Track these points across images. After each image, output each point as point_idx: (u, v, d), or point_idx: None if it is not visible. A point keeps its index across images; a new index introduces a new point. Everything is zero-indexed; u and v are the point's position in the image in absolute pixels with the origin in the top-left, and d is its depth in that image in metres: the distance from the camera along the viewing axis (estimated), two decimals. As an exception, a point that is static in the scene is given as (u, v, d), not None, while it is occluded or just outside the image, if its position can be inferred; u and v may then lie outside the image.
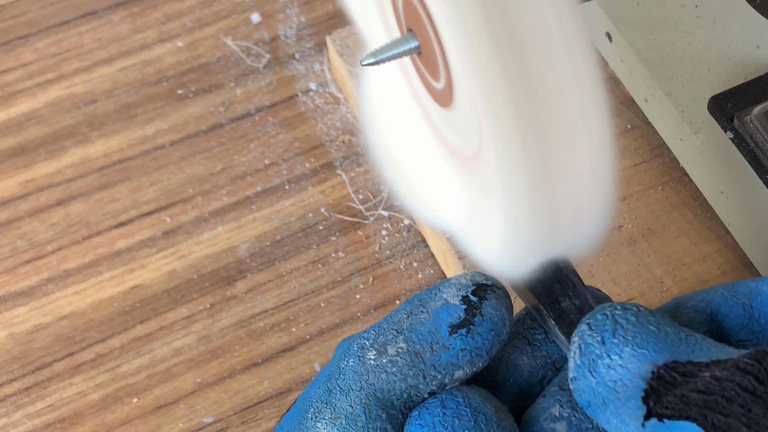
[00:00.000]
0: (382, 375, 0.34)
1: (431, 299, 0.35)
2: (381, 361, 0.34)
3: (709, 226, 0.53)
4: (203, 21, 0.64)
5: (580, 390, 0.32)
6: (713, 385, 0.30)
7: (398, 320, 0.35)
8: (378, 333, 0.35)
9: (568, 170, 0.30)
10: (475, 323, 0.34)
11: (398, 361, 0.34)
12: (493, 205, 0.32)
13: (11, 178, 0.59)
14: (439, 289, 0.35)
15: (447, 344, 0.34)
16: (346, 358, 0.35)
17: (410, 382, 0.34)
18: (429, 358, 0.34)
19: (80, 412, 0.52)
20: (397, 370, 0.34)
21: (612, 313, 0.32)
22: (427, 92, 0.35)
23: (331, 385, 0.35)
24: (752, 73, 0.51)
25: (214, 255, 0.56)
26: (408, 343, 0.34)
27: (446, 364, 0.34)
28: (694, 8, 0.53)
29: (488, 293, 0.35)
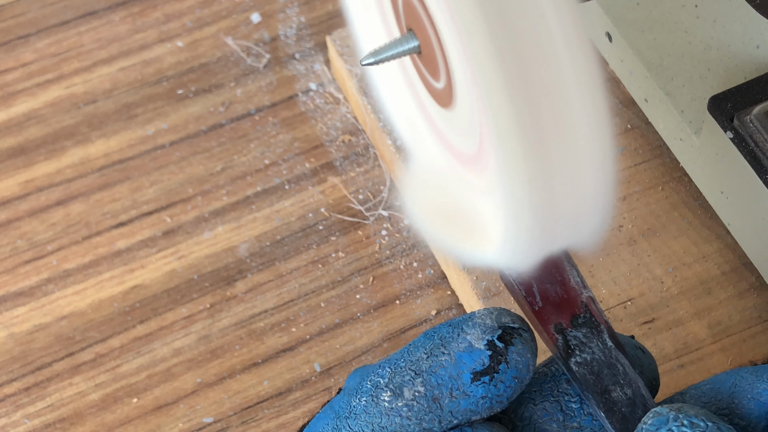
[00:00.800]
0: (396, 419, 0.32)
1: (453, 340, 0.33)
2: (396, 404, 0.32)
3: (709, 226, 0.53)
4: (203, 21, 0.64)
5: None
6: None
7: (416, 359, 0.33)
8: (394, 372, 0.33)
9: (568, 170, 0.30)
10: (499, 371, 0.33)
11: (414, 405, 0.32)
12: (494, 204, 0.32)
13: (11, 178, 0.59)
14: (463, 329, 0.33)
15: (468, 391, 0.33)
16: (358, 395, 0.33)
17: (424, 426, 0.32)
18: (447, 404, 0.33)
19: (80, 412, 0.52)
20: (413, 415, 0.32)
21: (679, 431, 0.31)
22: (427, 92, 0.35)
23: (341, 424, 0.33)
24: (752, 73, 0.51)
25: (214, 255, 0.56)
26: (426, 387, 0.33)
27: (464, 410, 0.33)
28: (694, 8, 0.53)
29: (514, 337, 0.33)
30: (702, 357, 0.49)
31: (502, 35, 0.27)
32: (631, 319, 0.50)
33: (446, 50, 0.31)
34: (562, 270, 0.34)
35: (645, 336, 0.50)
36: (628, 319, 0.50)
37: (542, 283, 0.34)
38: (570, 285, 0.34)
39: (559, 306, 0.34)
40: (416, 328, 0.53)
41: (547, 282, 0.34)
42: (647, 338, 0.50)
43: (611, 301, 0.51)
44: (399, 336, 0.53)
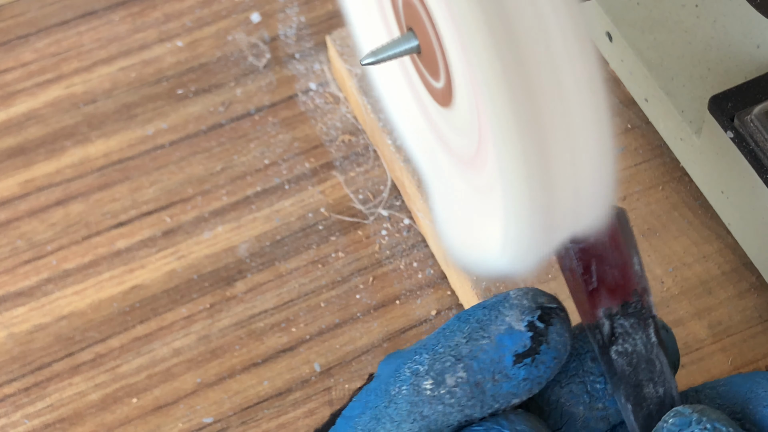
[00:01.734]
0: (438, 407, 0.32)
1: (492, 322, 0.33)
2: (439, 392, 0.32)
3: (709, 226, 0.53)
4: (203, 21, 0.64)
5: None
6: None
7: (456, 344, 0.32)
8: (434, 359, 0.32)
9: (568, 170, 0.30)
10: (540, 352, 0.32)
11: (457, 392, 0.32)
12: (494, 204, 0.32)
13: (11, 178, 0.59)
14: (500, 311, 0.33)
15: (510, 374, 0.32)
16: (397, 384, 0.33)
17: (466, 413, 0.32)
18: (490, 388, 0.32)
19: (80, 412, 0.52)
20: (456, 402, 0.32)
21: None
22: (427, 92, 0.35)
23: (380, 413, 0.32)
24: (752, 73, 0.51)
25: (214, 255, 0.56)
26: (468, 372, 0.32)
27: (506, 393, 0.32)
28: (694, 8, 0.53)
29: (553, 317, 0.32)
30: (702, 357, 0.49)
31: (502, 35, 0.27)
32: (631, 319, 0.50)
33: (446, 50, 0.31)
34: (625, 253, 0.33)
35: (645, 336, 0.50)
36: (629, 319, 0.50)
37: (602, 264, 0.33)
38: (629, 271, 0.33)
39: (614, 291, 0.33)
40: (416, 328, 0.53)
41: (607, 264, 0.33)
42: (647, 338, 0.50)
43: (611, 301, 0.51)
44: (399, 336, 0.53)
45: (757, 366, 0.49)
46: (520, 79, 0.28)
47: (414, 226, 0.56)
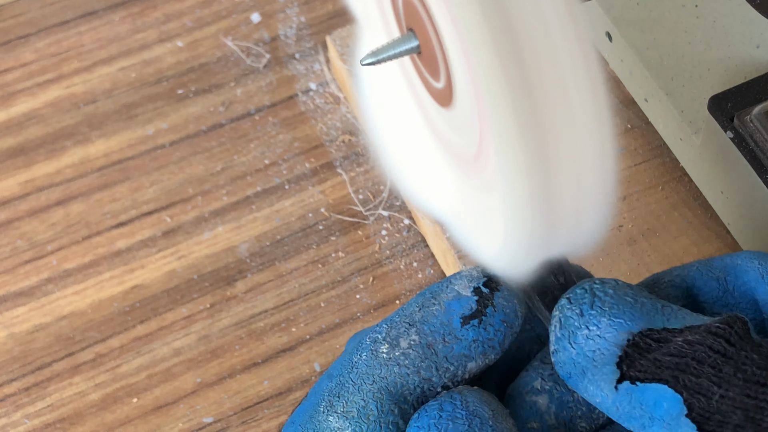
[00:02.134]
0: (395, 368, 0.34)
1: (443, 291, 0.35)
2: (394, 354, 0.34)
3: (709, 226, 0.53)
4: (203, 21, 0.64)
5: (561, 362, 0.33)
6: (685, 348, 0.31)
7: (410, 313, 0.35)
8: (390, 326, 0.35)
9: (568, 170, 0.30)
10: (486, 314, 0.34)
11: (411, 353, 0.34)
12: (494, 204, 0.32)
13: (11, 178, 0.59)
14: (451, 282, 0.35)
15: (459, 335, 0.34)
16: (358, 351, 0.35)
17: (423, 375, 0.34)
18: (441, 349, 0.34)
19: (80, 412, 0.52)
20: (410, 363, 0.34)
21: (591, 287, 0.33)
22: (427, 92, 0.35)
23: (344, 379, 0.35)
24: (752, 73, 0.51)
25: (214, 255, 0.56)
26: (420, 335, 0.34)
27: (459, 355, 0.34)
28: (694, 8, 0.53)
29: (500, 284, 0.35)
30: (702, 357, 0.49)
31: (502, 35, 0.27)
32: (631, 319, 0.50)
33: (446, 50, 0.31)
34: None
35: (645, 336, 0.50)
36: (628, 319, 0.50)
37: None
38: None
39: None
40: (416, 328, 0.53)
41: None
42: (647, 338, 0.50)
43: (611, 301, 0.51)
44: (399, 336, 0.53)
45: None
46: (520, 79, 0.28)
47: (414, 226, 0.56)
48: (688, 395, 0.30)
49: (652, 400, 0.31)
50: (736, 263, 0.36)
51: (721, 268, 0.36)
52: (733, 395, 0.30)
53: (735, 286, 0.36)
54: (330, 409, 0.34)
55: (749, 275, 0.36)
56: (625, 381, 0.31)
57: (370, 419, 0.34)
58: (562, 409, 0.34)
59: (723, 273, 0.36)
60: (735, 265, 0.36)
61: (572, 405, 0.34)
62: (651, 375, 0.31)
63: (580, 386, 0.32)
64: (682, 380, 0.30)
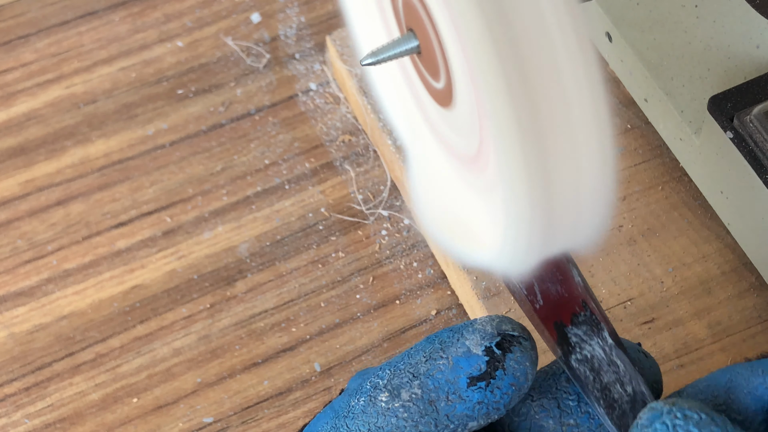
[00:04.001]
0: (392, 419, 0.33)
1: (453, 345, 0.34)
2: (393, 405, 0.33)
3: (709, 226, 0.53)
4: (203, 21, 0.64)
5: None
6: None
7: (415, 363, 0.34)
8: (393, 374, 0.34)
9: (568, 170, 0.30)
10: (495, 377, 0.33)
11: (411, 407, 0.33)
12: (494, 204, 0.32)
13: (11, 178, 0.59)
14: (462, 334, 0.34)
15: (464, 396, 0.33)
16: (357, 396, 0.34)
17: (421, 429, 0.33)
18: (443, 407, 0.33)
19: (80, 412, 0.52)
20: (409, 417, 0.33)
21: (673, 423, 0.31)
22: (427, 92, 0.35)
23: (339, 423, 0.34)
24: (752, 73, 0.51)
25: (214, 255, 0.56)
26: (423, 389, 0.33)
27: (461, 415, 0.33)
28: (694, 8, 0.53)
29: (513, 345, 0.33)
30: (702, 357, 0.49)
31: (502, 35, 0.27)
32: (631, 319, 0.50)
33: (446, 50, 0.31)
34: (564, 269, 0.34)
35: (645, 336, 0.50)
36: (628, 319, 0.50)
37: (543, 282, 0.34)
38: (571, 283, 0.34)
39: (560, 304, 0.34)
40: (416, 328, 0.53)
41: (549, 281, 0.34)
42: (647, 338, 0.50)
43: (611, 301, 0.51)
44: (399, 336, 0.53)
45: (757, 366, 0.49)
46: (520, 79, 0.28)
47: (414, 226, 0.56)
48: None
49: None
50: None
51: None
52: None
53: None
54: None
55: None
56: None
57: None
58: None
59: None
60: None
61: None
62: None
63: None
64: None
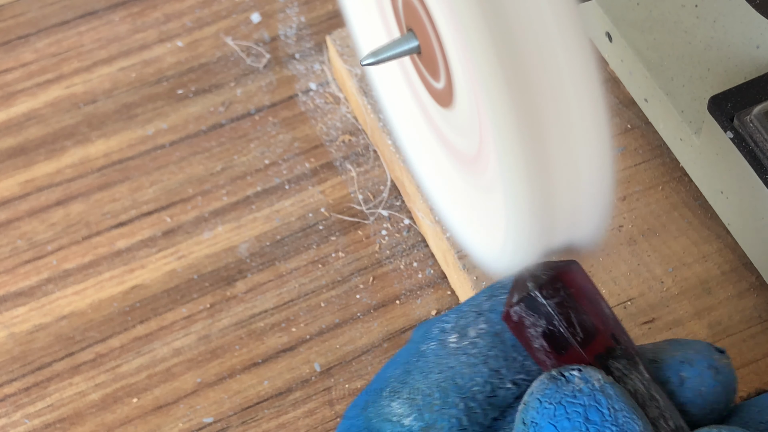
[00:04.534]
0: (462, 357, 0.33)
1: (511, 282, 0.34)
2: (462, 344, 0.33)
3: (709, 226, 0.53)
4: (203, 21, 0.64)
5: None
6: None
7: (479, 303, 0.34)
8: (459, 316, 0.34)
9: (568, 170, 0.30)
10: None
11: (479, 342, 0.33)
12: (494, 204, 0.32)
13: (11, 178, 0.59)
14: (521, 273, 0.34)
15: None
16: (426, 341, 0.34)
17: (492, 365, 0.33)
18: (509, 338, 0.33)
19: (80, 412, 0.52)
20: (478, 352, 0.33)
21: None
22: (427, 92, 0.35)
23: (410, 367, 0.34)
24: (752, 73, 0.51)
25: (214, 255, 0.56)
26: (488, 324, 0.34)
27: None
28: (694, 8, 0.53)
29: None
30: (702, 357, 0.49)
31: (502, 35, 0.27)
32: (631, 319, 0.50)
33: (446, 50, 0.31)
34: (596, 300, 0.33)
35: (645, 336, 0.50)
36: (628, 319, 0.50)
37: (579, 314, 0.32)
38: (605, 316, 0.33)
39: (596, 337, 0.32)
40: (416, 328, 0.53)
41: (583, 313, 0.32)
42: (647, 338, 0.50)
43: (611, 301, 0.51)
44: (399, 336, 0.53)
45: (758, 366, 0.49)
46: (520, 79, 0.28)
47: (414, 226, 0.56)
48: None
49: None
50: None
51: None
52: None
53: None
54: (394, 395, 0.34)
55: None
56: None
57: (433, 409, 0.33)
58: None
59: None
60: None
61: None
62: None
63: None
64: None
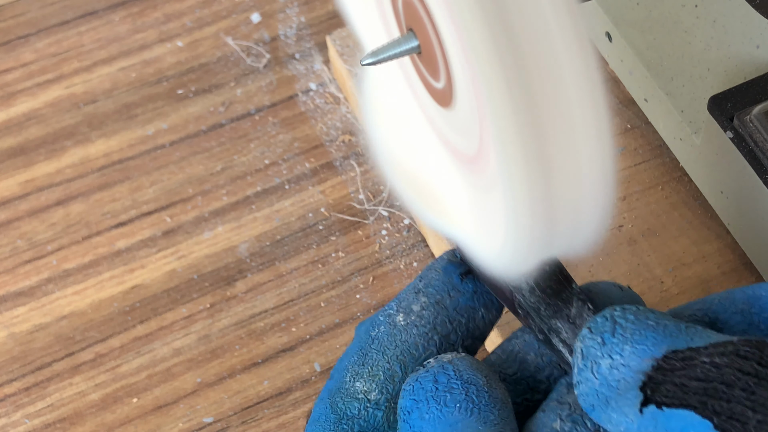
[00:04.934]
0: (413, 330, 0.36)
1: (436, 263, 0.38)
2: (410, 319, 0.37)
3: (709, 226, 0.53)
4: (203, 21, 0.64)
5: (584, 394, 0.32)
6: (712, 372, 0.30)
7: (413, 286, 0.38)
8: (399, 301, 0.37)
9: (568, 170, 0.30)
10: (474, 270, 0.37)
11: (425, 313, 0.37)
12: (494, 204, 0.32)
13: (11, 178, 0.59)
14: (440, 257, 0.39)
15: (461, 289, 0.37)
16: (375, 328, 0.37)
17: (440, 331, 0.36)
18: (450, 303, 0.37)
19: (80, 412, 0.52)
20: (426, 322, 0.36)
21: (611, 314, 0.32)
22: (427, 92, 0.35)
23: (366, 351, 0.37)
24: (752, 73, 0.51)
25: (214, 255, 0.56)
26: (428, 297, 0.37)
27: (466, 307, 0.37)
28: (694, 8, 0.53)
29: None
30: (702, 357, 0.49)
31: (502, 35, 0.27)
32: (631, 319, 0.50)
33: (446, 50, 0.31)
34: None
35: (645, 336, 0.50)
36: (628, 319, 0.50)
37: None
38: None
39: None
40: (416, 328, 0.53)
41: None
42: (647, 338, 0.50)
43: (611, 301, 0.51)
44: (399, 336, 0.53)
45: (757, 366, 0.49)
46: (520, 79, 0.28)
47: (414, 226, 0.56)
48: (719, 421, 0.29)
49: (680, 426, 0.29)
50: (760, 294, 0.35)
51: (744, 300, 0.35)
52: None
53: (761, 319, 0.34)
54: (356, 377, 0.36)
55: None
56: (651, 405, 0.30)
57: (395, 380, 0.36)
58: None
59: (747, 305, 0.35)
60: (759, 297, 0.35)
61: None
62: (677, 401, 0.30)
63: (604, 417, 0.32)
64: (710, 405, 0.29)
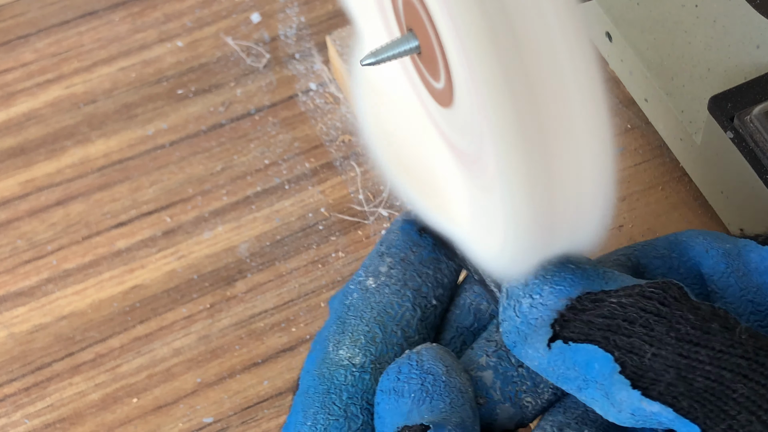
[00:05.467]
0: (385, 290, 0.37)
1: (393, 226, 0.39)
2: (380, 281, 0.38)
3: (709, 226, 0.53)
4: (203, 21, 0.64)
5: (507, 332, 0.34)
6: (618, 311, 0.32)
7: (375, 251, 0.39)
8: (366, 267, 0.38)
9: (568, 170, 0.30)
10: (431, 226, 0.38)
11: (393, 272, 0.38)
12: (494, 204, 0.32)
13: (11, 178, 0.59)
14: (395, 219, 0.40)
15: (422, 243, 0.38)
16: (347, 295, 0.38)
17: (411, 285, 0.37)
18: (414, 258, 0.38)
19: (80, 412, 0.52)
20: (396, 280, 0.37)
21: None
22: (427, 92, 0.35)
23: (343, 319, 0.37)
24: (752, 73, 0.51)
25: (214, 255, 0.56)
26: (392, 256, 0.38)
27: (430, 259, 0.38)
28: (694, 8, 0.53)
29: None
30: (702, 357, 0.49)
31: (502, 35, 0.27)
32: (631, 319, 0.50)
33: (446, 50, 0.31)
34: None
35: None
36: (628, 319, 0.50)
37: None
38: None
39: None
40: (416, 328, 0.53)
41: None
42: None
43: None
44: (399, 336, 0.53)
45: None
46: (520, 79, 0.28)
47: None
48: (619, 354, 0.31)
49: (584, 360, 0.32)
50: (680, 240, 0.37)
51: (665, 245, 0.37)
52: (665, 354, 0.30)
53: (680, 263, 0.37)
54: (339, 345, 0.37)
55: (694, 251, 0.37)
56: (558, 340, 0.32)
57: (376, 341, 0.36)
58: (507, 384, 0.36)
59: (667, 250, 0.37)
60: (679, 242, 0.37)
61: (517, 380, 0.36)
62: (583, 336, 0.32)
63: (522, 353, 0.34)
64: (612, 340, 0.31)
